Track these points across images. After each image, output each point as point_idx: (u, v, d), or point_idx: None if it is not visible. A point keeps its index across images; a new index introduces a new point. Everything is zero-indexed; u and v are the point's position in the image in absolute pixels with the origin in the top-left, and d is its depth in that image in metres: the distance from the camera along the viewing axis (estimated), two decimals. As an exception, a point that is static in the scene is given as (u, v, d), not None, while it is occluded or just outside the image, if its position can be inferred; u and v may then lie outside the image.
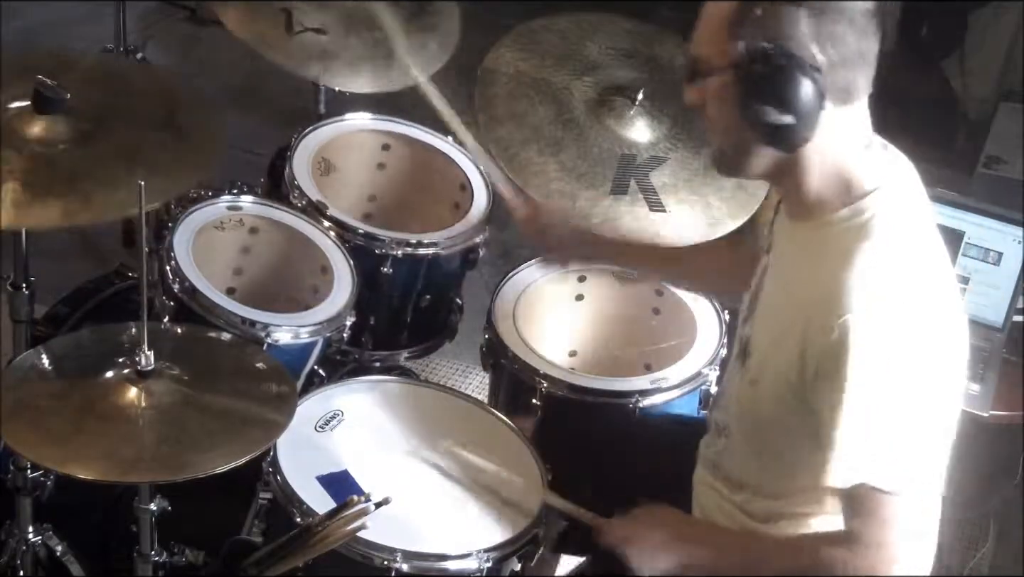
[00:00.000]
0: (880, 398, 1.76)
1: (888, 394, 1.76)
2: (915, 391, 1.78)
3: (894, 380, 1.76)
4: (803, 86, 1.73)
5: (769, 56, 1.73)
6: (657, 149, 2.77)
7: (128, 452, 1.93)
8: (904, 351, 1.76)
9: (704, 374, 2.56)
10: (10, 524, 2.47)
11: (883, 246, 1.79)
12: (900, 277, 1.79)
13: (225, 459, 1.93)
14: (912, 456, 1.80)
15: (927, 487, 1.84)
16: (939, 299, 1.84)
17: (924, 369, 1.79)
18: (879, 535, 1.80)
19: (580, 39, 2.91)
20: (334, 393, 2.36)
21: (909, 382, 1.77)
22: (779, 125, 1.76)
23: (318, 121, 2.96)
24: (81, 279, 2.94)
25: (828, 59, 1.74)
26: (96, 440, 1.93)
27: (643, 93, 2.77)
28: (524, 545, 2.14)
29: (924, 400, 1.80)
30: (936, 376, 1.82)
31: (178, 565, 2.41)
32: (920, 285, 1.81)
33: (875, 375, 1.75)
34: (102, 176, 2.11)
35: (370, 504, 1.99)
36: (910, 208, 1.86)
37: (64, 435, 1.93)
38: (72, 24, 4.29)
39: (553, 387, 2.48)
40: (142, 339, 1.97)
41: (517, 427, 2.36)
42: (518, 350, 2.55)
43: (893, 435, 1.78)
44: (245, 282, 2.74)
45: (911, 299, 1.78)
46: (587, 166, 2.72)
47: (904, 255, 1.81)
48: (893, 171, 1.87)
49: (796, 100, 1.73)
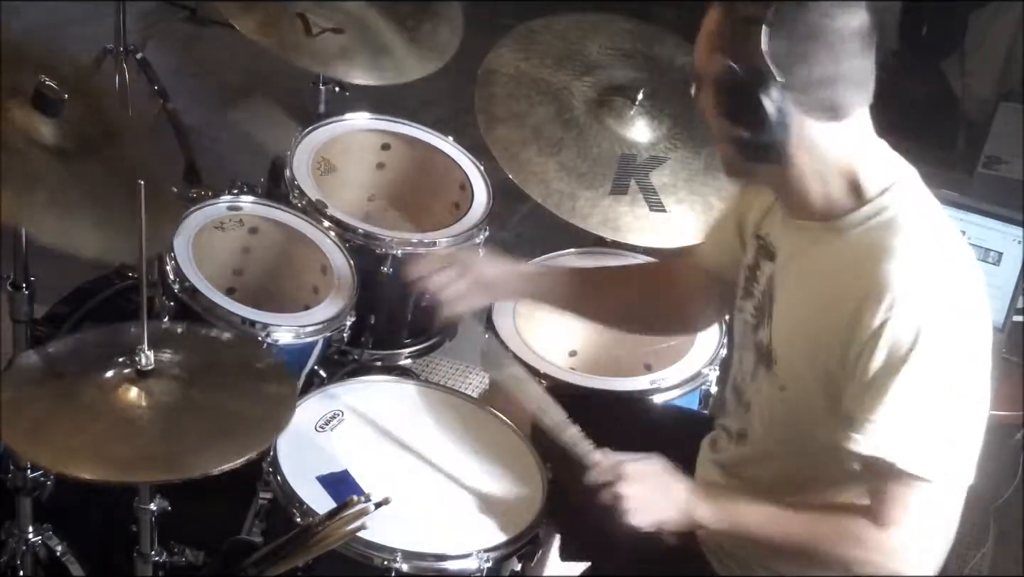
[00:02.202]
0: (931, 386, 1.77)
1: (939, 383, 1.77)
2: (961, 382, 1.80)
3: (948, 370, 1.77)
4: (762, 105, 1.75)
5: (733, 73, 1.76)
6: (657, 149, 2.77)
7: (128, 452, 1.93)
8: (956, 341, 1.78)
9: (704, 374, 2.56)
10: (10, 524, 2.47)
11: (917, 237, 1.81)
12: (940, 268, 1.80)
13: (225, 459, 1.92)
14: (949, 446, 1.80)
15: (958, 481, 1.83)
16: (973, 289, 1.85)
17: (969, 360, 1.81)
18: (902, 518, 1.81)
19: (580, 39, 2.92)
20: (334, 393, 2.36)
21: (958, 372, 1.79)
22: (748, 140, 1.79)
23: (318, 121, 2.96)
24: (81, 279, 2.94)
25: (800, 79, 1.75)
26: (96, 440, 1.93)
27: (643, 93, 2.78)
28: (524, 545, 2.14)
29: (967, 391, 1.81)
30: (977, 368, 1.83)
31: (178, 565, 2.41)
32: (958, 276, 1.83)
33: (931, 365, 1.76)
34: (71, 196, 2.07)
35: (370, 504, 1.99)
36: (926, 202, 1.88)
37: (64, 435, 1.93)
38: (72, 24, 4.29)
39: (553, 387, 2.48)
40: (142, 339, 1.97)
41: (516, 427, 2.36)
42: (518, 350, 2.55)
43: (934, 422, 1.78)
44: (245, 282, 2.74)
45: (953, 289, 1.80)
46: (587, 166, 2.72)
47: (938, 246, 1.83)
48: (901, 165, 1.88)
49: (755, 118, 1.76)
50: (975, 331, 1.82)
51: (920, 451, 1.79)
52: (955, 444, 1.81)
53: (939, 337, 1.76)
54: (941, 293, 1.78)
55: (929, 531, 1.84)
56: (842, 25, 1.75)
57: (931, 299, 1.77)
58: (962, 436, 1.82)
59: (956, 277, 1.82)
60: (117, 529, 2.38)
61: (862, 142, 1.85)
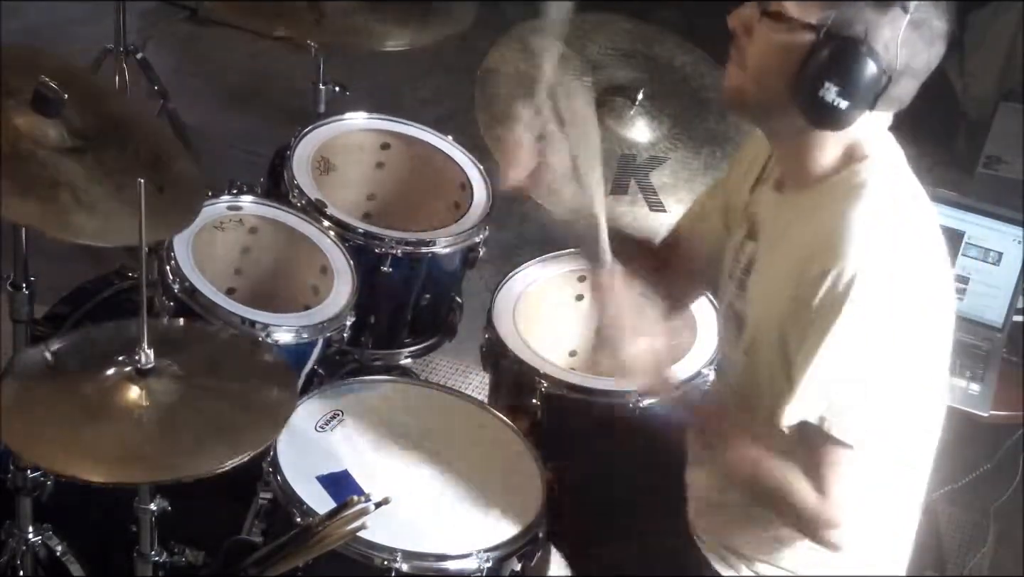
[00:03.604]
0: (861, 346, 1.75)
1: (870, 344, 1.75)
2: (898, 348, 1.77)
3: (880, 332, 1.75)
4: (871, 83, 1.73)
5: (857, 45, 1.72)
6: (657, 149, 2.77)
7: (128, 451, 1.93)
8: (895, 306, 1.75)
9: (704, 374, 2.56)
10: (10, 524, 2.47)
11: (879, 202, 1.79)
12: (896, 233, 1.79)
13: (225, 459, 1.93)
14: (879, 415, 1.78)
15: (889, 451, 1.82)
16: (930, 270, 1.83)
17: (911, 329, 1.78)
18: (829, 487, 1.79)
19: (580, 39, 2.91)
20: (334, 393, 2.36)
21: (894, 338, 1.76)
22: (825, 103, 1.75)
23: (318, 121, 2.96)
24: (81, 279, 2.94)
25: (901, 67, 1.75)
26: (96, 439, 1.93)
27: (643, 93, 2.77)
28: (524, 545, 2.14)
29: (905, 361, 1.78)
30: (922, 341, 1.81)
31: (178, 565, 2.41)
32: (915, 246, 1.81)
33: (862, 323, 1.74)
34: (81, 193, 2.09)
35: (370, 504, 1.99)
36: (900, 176, 1.87)
37: (64, 435, 1.93)
38: (72, 24, 4.29)
39: (553, 387, 2.48)
40: (142, 337, 1.97)
41: (517, 427, 2.36)
42: (518, 350, 2.55)
43: (863, 386, 1.76)
44: (245, 282, 2.74)
45: (907, 257, 1.78)
46: (587, 166, 2.72)
47: (897, 216, 1.81)
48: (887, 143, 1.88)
49: (856, 91, 1.74)
50: (923, 305, 1.80)
51: (843, 416, 1.77)
52: (885, 414, 1.79)
53: (875, 301, 1.74)
54: (888, 260, 1.76)
55: (851, 502, 1.81)
56: (940, 30, 1.76)
57: (875, 263, 1.74)
58: (896, 407, 1.80)
59: (914, 248, 1.81)
60: (117, 529, 2.38)
61: (878, 130, 1.85)
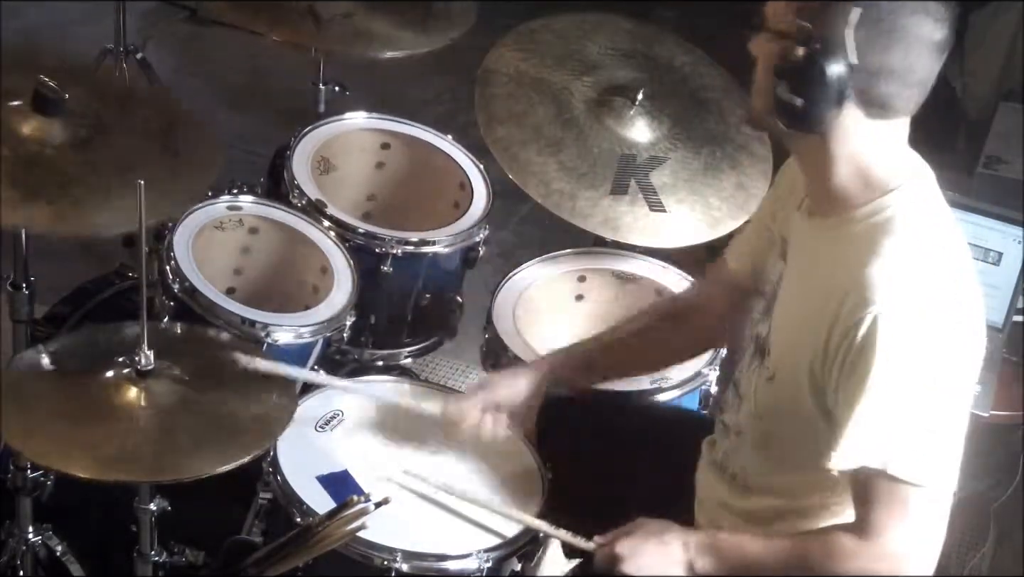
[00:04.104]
0: (903, 390, 1.77)
1: (911, 387, 1.77)
2: (938, 386, 1.79)
3: (918, 374, 1.77)
4: (824, 78, 1.75)
5: (808, 37, 1.76)
6: (657, 149, 2.77)
7: (128, 452, 1.93)
8: (929, 346, 1.78)
9: (704, 374, 2.56)
10: (10, 524, 2.47)
11: (907, 241, 1.81)
12: (924, 272, 1.81)
13: (225, 459, 1.93)
14: (934, 450, 1.80)
15: (946, 485, 1.83)
16: (961, 297, 1.85)
17: (947, 365, 1.80)
18: (894, 526, 1.81)
19: (580, 39, 2.91)
20: (334, 393, 2.36)
21: (933, 377, 1.79)
22: (783, 101, 1.79)
23: (318, 121, 2.96)
24: (81, 279, 2.94)
25: (868, 68, 1.76)
26: (96, 440, 1.93)
27: (643, 93, 2.77)
28: (524, 545, 2.14)
29: (946, 396, 1.81)
30: (958, 374, 1.83)
31: (178, 565, 2.41)
32: (943, 281, 1.82)
33: (900, 368, 1.77)
34: (95, 184, 2.10)
35: (370, 504, 1.99)
36: (931, 208, 1.88)
37: (64, 435, 1.93)
38: (72, 24, 4.29)
39: (553, 387, 2.48)
40: (142, 338, 1.97)
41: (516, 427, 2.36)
42: (518, 350, 2.55)
43: (914, 426, 1.78)
44: (245, 282, 2.74)
45: (936, 294, 1.80)
46: (587, 166, 2.72)
47: (927, 251, 1.83)
48: (915, 172, 1.89)
49: (806, 87, 1.76)
50: (959, 341, 1.82)
51: (905, 455, 1.79)
52: (939, 449, 1.81)
53: (915, 342, 1.76)
54: (922, 299, 1.78)
55: (922, 536, 1.83)
56: (925, 34, 1.78)
57: (904, 305, 1.77)
58: (946, 441, 1.82)
59: (943, 284, 1.82)
60: (117, 529, 2.38)
61: (893, 146, 1.86)
